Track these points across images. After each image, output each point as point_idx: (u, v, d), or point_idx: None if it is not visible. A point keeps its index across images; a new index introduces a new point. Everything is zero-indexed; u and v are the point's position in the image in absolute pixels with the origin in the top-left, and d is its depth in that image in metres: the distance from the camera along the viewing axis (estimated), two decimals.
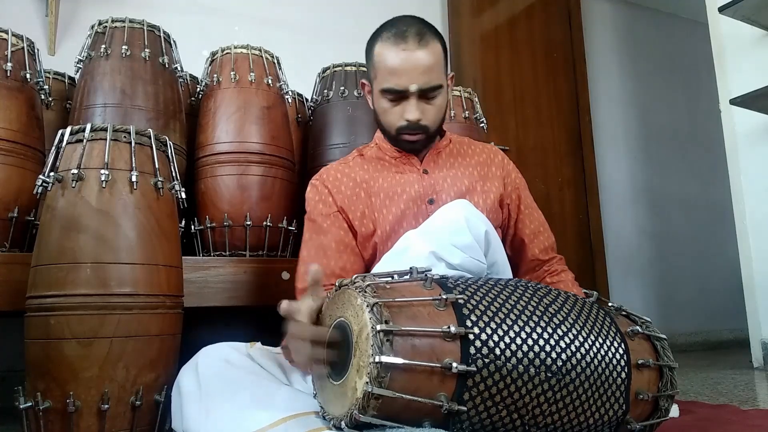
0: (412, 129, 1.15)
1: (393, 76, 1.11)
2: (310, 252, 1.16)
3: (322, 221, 1.17)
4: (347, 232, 1.17)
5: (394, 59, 1.11)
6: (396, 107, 1.15)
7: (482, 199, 1.20)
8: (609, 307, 0.91)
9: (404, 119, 1.14)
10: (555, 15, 3.39)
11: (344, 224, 1.17)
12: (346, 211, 1.17)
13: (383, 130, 1.21)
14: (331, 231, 1.16)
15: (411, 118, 1.13)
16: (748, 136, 2.34)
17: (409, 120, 1.13)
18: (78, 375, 0.97)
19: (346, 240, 1.16)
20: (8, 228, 1.29)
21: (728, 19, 2.27)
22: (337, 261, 1.14)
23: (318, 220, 1.18)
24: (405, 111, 1.13)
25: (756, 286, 2.28)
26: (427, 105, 1.14)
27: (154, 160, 1.11)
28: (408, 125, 1.14)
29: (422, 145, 1.21)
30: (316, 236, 1.17)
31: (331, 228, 1.16)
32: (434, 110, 1.16)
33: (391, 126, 1.17)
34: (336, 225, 1.16)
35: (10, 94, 1.33)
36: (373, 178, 1.20)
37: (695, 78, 3.87)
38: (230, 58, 1.62)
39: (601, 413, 0.79)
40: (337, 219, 1.17)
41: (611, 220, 3.45)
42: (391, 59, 1.11)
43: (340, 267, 1.14)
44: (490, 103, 2.96)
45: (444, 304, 0.74)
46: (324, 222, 1.17)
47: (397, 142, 1.20)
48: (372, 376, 0.66)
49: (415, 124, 1.14)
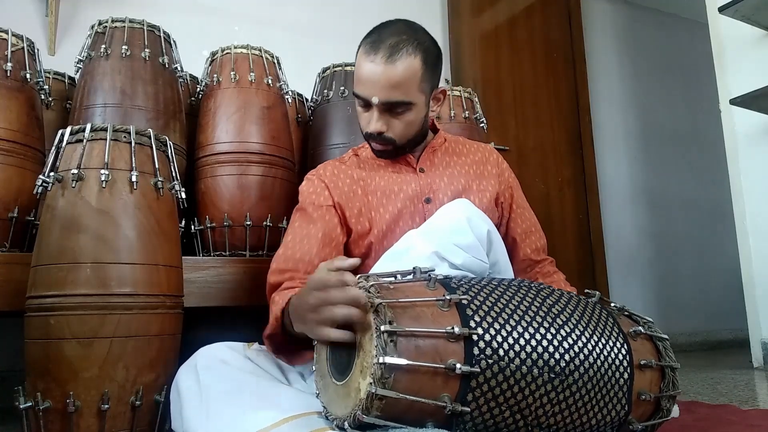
0: (376, 139, 1.15)
1: (359, 84, 1.11)
2: (294, 237, 1.15)
3: (313, 211, 1.16)
4: (336, 228, 1.16)
5: (362, 69, 1.10)
6: (365, 113, 1.15)
7: (478, 198, 1.20)
8: (611, 308, 0.91)
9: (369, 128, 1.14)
10: (555, 15, 3.39)
11: (335, 219, 1.16)
12: (343, 207, 1.17)
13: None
14: (321, 222, 1.15)
15: (370, 130, 1.13)
16: (748, 136, 2.34)
17: (368, 131, 1.14)
18: (78, 375, 0.96)
19: (333, 234, 1.15)
20: (8, 228, 1.28)
21: (728, 19, 2.27)
22: (319, 252, 1.12)
23: (308, 209, 1.17)
24: (368, 121, 1.14)
25: (756, 286, 2.28)
26: (394, 119, 1.13)
27: (154, 160, 1.11)
28: (371, 135, 1.14)
29: (391, 155, 1.20)
30: (305, 224, 1.16)
31: (320, 219, 1.15)
32: (402, 125, 1.14)
33: (363, 130, 1.17)
34: (326, 218, 1.16)
35: (10, 94, 1.33)
36: (370, 176, 1.20)
37: (695, 78, 3.88)
38: (230, 58, 1.62)
39: (604, 413, 0.79)
40: (329, 212, 1.16)
41: (611, 220, 3.45)
42: (360, 68, 1.11)
43: (321, 258, 1.12)
44: (490, 103, 2.96)
45: (448, 304, 0.74)
46: (314, 212, 1.16)
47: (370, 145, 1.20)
48: (376, 376, 0.66)
49: (378, 135, 1.14)
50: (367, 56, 1.09)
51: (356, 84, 1.12)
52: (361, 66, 1.10)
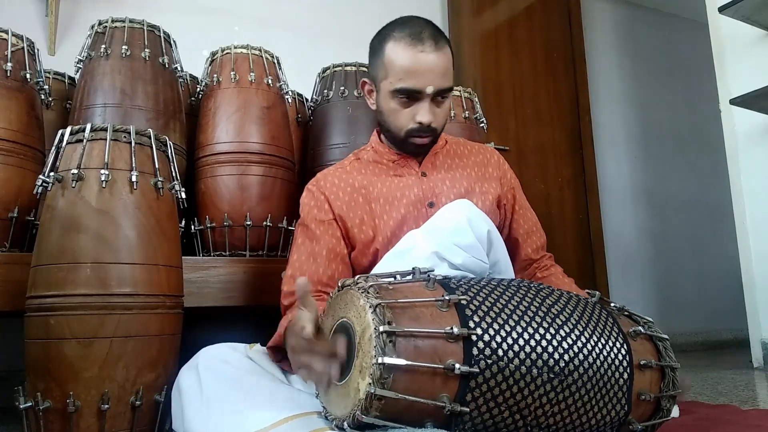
0: (423, 132, 1.14)
1: (409, 77, 1.09)
2: (300, 257, 1.15)
3: (315, 227, 1.16)
4: (339, 241, 1.15)
5: (412, 60, 1.09)
6: (406, 109, 1.13)
7: (481, 200, 1.20)
8: (611, 308, 0.91)
9: (415, 122, 1.12)
10: (555, 15, 3.39)
11: (338, 233, 1.16)
12: (344, 218, 1.16)
13: (387, 131, 1.19)
14: (324, 238, 1.15)
15: (425, 121, 1.12)
16: (748, 136, 2.34)
17: (422, 122, 1.12)
18: (78, 375, 0.97)
19: (338, 249, 1.15)
20: (8, 228, 1.28)
21: (728, 19, 2.27)
22: (326, 269, 1.13)
23: (311, 226, 1.17)
24: (417, 113, 1.12)
25: (756, 286, 2.28)
26: (437, 108, 1.13)
27: (154, 160, 1.11)
28: (419, 128, 1.13)
29: (428, 149, 1.20)
30: (309, 242, 1.16)
31: (323, 235, 1.15)
32: (443, 113, 1.15)
33: (400, 128, 1.15)
34: (329, 233, 1.15)
35: (10, 94, 1.33)
36: (372, 183, 1.19)
37: (695, 78, 3.87)
38: (230, 58, 1.62)
39: (603, 414, 0.79)
40: (330, 227, 1.16)
41: (611, 220, 3.45)
42: (408, 60, 1.09)
43: (329, 276, 1.13)
44: (490, 103, 2.96)
45: (447, 305, 0.74)
46: (317, 228, 1.16)
47: (402, 145, 1.18)
48: (375, 377, 0.66)
49: (427, 127, 1.13)
50: (413, 47, 1.09)
51: (403, 78, 1.10)
52: (407, 59, 1.09)
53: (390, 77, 1.12)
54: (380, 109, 1.18)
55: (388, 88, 1.12)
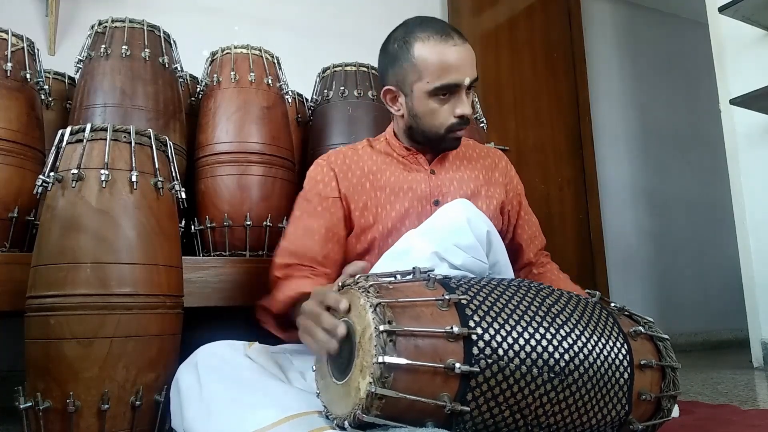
0: (463, 124, 1.14)
1: (448, 73, 1.09)
2: (296, 231, 1.15)
3: (318, 203, 1.16)
4: (340, 221, 1.15)
5: (448, 56, 1.09)
6: (445, 106, 1.12)
7: (485, 204, 1.20)
8: (611, 308, 0.91)
9: (456, 116, 1.12)
10: (555, 15, 3.39)
11: (339, 213, 1.15)
12: (349, 199, 1.16)
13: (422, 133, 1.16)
14: (324, 216, 1.15)
15: (467, 113, 1.12)
16: (748, 136, 2.34)
17: (464, 114, 1.12)
18: (78, 375, 0.96)
19: (336, 229, 1.15)
20: (8, 228, 1.28)
21: (728, 19, 2.27)
22: (322, 248, 1.13)
23: (314, 200, 1.16)
24: (457, 107, 1.12)
25: (756, 286, 2.28)
26: (468, 98, 1.14)
27: (154, 160, 1.11)
28: (460, 121, 1.13)
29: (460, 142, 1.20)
30: (307, 217, 1.15)
31: (324, 213, 1.15)
32: (471, 105, 1.16)
33: (440, 126, 1.14)
34: (330, 211, 1.15)
35: (10, 94, 1.33)
36: (381, 171, 1.19)
37: (695, 78, 3.87)
38: (230, 58, 1.62)
39: (604, 413, 0.79)
40: (334, 205, 1.15)
41: (611, 220, 3.45)
42: (444, 56, 1.09)
43: (323, 254, 1.13)
44: (490, 103, 2.96)
45: (447, 304, 0.74)
46: (319, 205, 1.16)
47: (440, 142, 1.17)
48: (375, 376, 0.66)
49: (467, 119, 1.13)
50: (445, 43, 1.09)
51: (444, 74, 1.09)
52: (446, 54, 1.09)
53: (426, 78, 1.10)
54: (414, 113, 1.15)
55: (425, 89, 1.11)
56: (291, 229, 1.16)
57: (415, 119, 1.16)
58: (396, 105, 1.19)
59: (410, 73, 1.12)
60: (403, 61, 1.13)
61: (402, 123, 1.21)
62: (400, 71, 1.14)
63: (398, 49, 1.14)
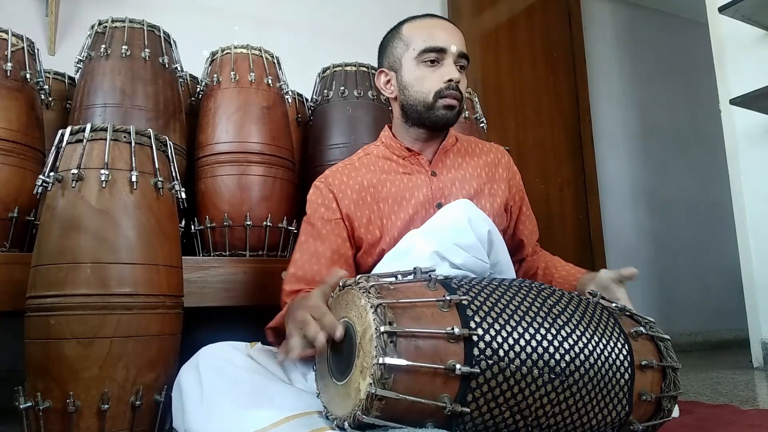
0: (452, 90, 1.15)
1: (432, 38, 1.15)
2: (303, 256, 1.15)
3: (322, 227, 1.16)
4: (345, 242, 1.16)
5: (432, 25, 1.17)
6: (434, 73, 1.15)
7: (489, 202, 1.20)
8: (612, 308, 0.91)
9: (444, 81, 1.15)
10: (555, 15, 3.39)
11: (344, 233, 1.16)
12: (352, 218, 1.16)
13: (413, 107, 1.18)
14: (329, 239, 1.15)
15: (454, 77, 1.14)
16: (748, 136, 2.34)
17: (452, 78, 1.14)
18: (78, 375, 0.96)
19: (342, 250, 1.15)
20: (8, 228, 1.28)
21: (728, 19, 2.27)
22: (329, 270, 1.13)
23: (317, 224, 1.17)
24: (444, 73, 1.15)
25: (756, 286, 2.28)
26: (459, 74, 1.17)
27: (154, 160, 1.11)
28: (448, 86, 1.15)
29: (455, 116, 1.19)
30: (312, 241, 1.16)
31: (329, 235, 1.15)
32: (464, 83, 1.19)
33: (428, 92, 1.16)
34: (335, 233, 1.15)
35: (10, 94, 1.33)
36: (381, 182, 1.19)
37: (695, 78, 3.87)
38: (230, 58, 1.62)
39: (604, 414, 0.79)
40: (337, 227, 1.16)
41: (611, 220, 3.45)
42: (429, 25, 1.17)
43: None
44: (490, 103, 2.96)
45: (448, 305, 0.74)
46: (323, 228, 1.16)
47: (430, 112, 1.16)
48: (375, 377, 0.66)
49: (455, 86, 1.15)
50: (431, 18, 1.19)
51: (429, 39, 1.15)
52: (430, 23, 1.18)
53: (412, 45, 1.17)
54: (404, 84, 1.19)
55: (412, 56, 1.16)
56: (297, 255, 1.17)
57: (405, 92, 1.19)
58: (390, 87, 1.24)
59: (398, 48, 1.20)
60: (394, 40, 1.21)
61: (397, 109, 1.24)
62: (391, 52, 1.22)
63: (390, 36, 1.23)
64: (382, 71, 1.24)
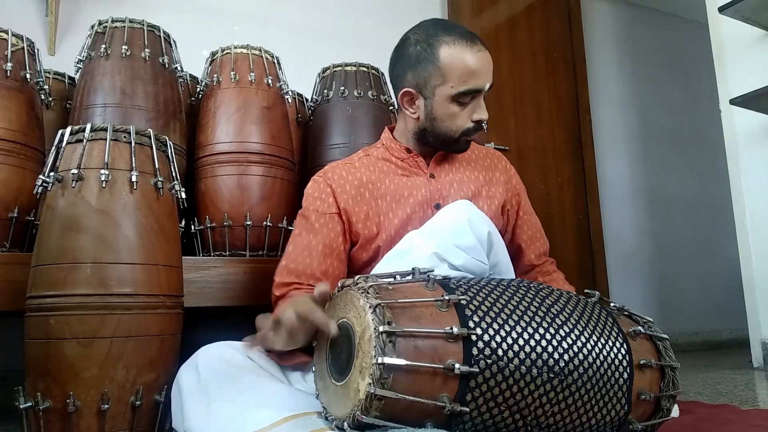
0: (478, 129, 1.16)
1: (473, 78, 1.11)
2: (295, 249, 1.15)
3: (315, 220, 1.16)
4: (338, 236, 1.15)
5: (474, 61, 1.11)
6: (464, 110, 1.14)
7: (486, 204, 1.20)
8: (611, 308, 0.91)
9: (473, 120, 1.14)
10: (555, 15, 3.39)
11: (338, 227, 1.16)
12: (349, 212, 1.16)
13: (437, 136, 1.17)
14: (322, 232, 1.15)
15: (484, 118, 1.15)
16: (748, 136, 2.34)
17: (482, 119, 1.14)
18: (78, 375, 0.96)
19: (334, 244, 1.15)
20: (8, 228, 1.28)
21: (728, 19, 2.27)
22: (320, 264, 1.13)
23: (311, 217, 1.17)
24: (475, 111, 1.14)
25: (756, 286, 2.28)
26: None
27: (154, 160, 1.11)
28: (476, 126, 1.15)
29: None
30: (306, 234, 1.16)
31: (322, 229, 1.15)
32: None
33: (457, 130, 1.15)
34: (328, 227, 1.15)
35: (10, 94, 1.33)
36: (380, 180, 1.19)
37: (695, 78, 3.88)
38: (230, 58, 1.62)
39: (603, 413, 0.79)
40: (332, 221, 1.16)
41: (611, 220, 3.45)
42: (471, 62, 1.11)
43: (322, 270, 1.13)
44: (490, 103, 2.93)
45: (446, 305, 0.74)
46: (317, 221, 1.16)
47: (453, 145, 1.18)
48: (375, 377, 0.66)
49: (481, 124, 1.15)
50: (470, 48, 1.12)
51: (470, 79, 1.11)
52: (473, 60, 1.11)
53: (451, 81, 1.11)
54: (433, 116, 1.15)
55: (449, 93, 1.11)
56: (290, 248, 1.17)
57: (433, 122, 1.16)
58: (413, 107, 1.18)
59: (434, 77, 1.12)
60: (427, 63, 1.13)
61: (413, 125, 1.20)
62: (423, 74, 1.14)
63: (421, 51, 1.14)
64: (408, 92, 1.17)
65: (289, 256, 1.15)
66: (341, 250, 1.16)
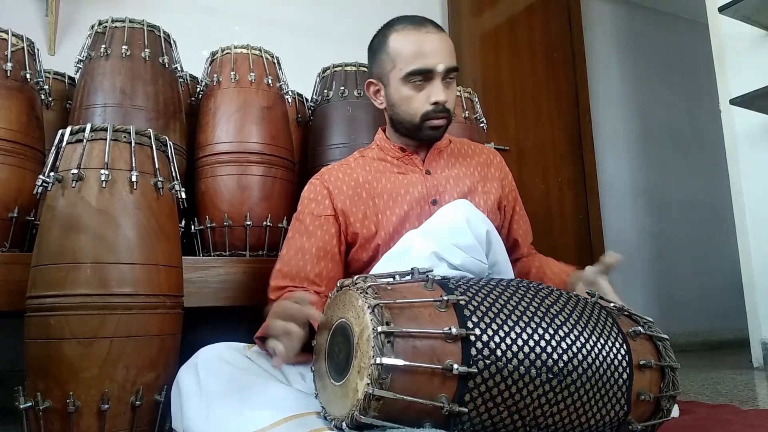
0: (439, 112, 1.15)
1: (419, 58, 1.12)
2: (289, 252, 1.16)
3: (310, 222, 1.16)
4: (332, 239, 1.16)
5: (419, 42, 1.12)
6: (420, 93, 1.14)
7: (483, 200, 1.21)
8: (611, 308, 0.91)
9: (430, 103, 1.14)
10: (555, 15, 3.39)
11: (332, 229, 1.16)
12: (347, 213, 1.17)
13: (401, 123, 1.19)
14: (316, 235, 1.15)
15: (440, 99, 1.13)
16: (748, 136, 2.34)
17: (438, 101, 1.13)
18: (78, 375, 0.96)
19: (329, 247, 1.15)
20: (8, 228, 1.28)
21: (728, 19, 2.27)
22: (314, 267, 1.14)
23: (306, 220, 1.17)
24: (431, 94, 1.13)
25: (756, 286, 2.28)
26: (447, 89, 1.15)
27: (154, 160, 1.11)
28: (435, 108, 1.14)
29: (443, 132, 1.20)
30: (299, 237, 1.16)
31: (316, 231, 1.15)
32: (452, 94, 1.17)
33: (415, 113, 1.16)
34: (323, 229, 1.16)
35: (10, 94, 1.33)
36: (376, 179, 1.20)
37: (695, 78, 3.87)
38: (230, 58, 1.62)
39: (603, 414, 0.79)
40: (326, 223, 1.16)
41: (611, 220, 3.45)
42: (415, 42, 1.12)
43: (316, 273, 1.14)
44: (490, 103, 2.96)
45: (445, 305, 0.74)
46: (311, 224, 1.16)
47: (418, 132, 1.18)
48: (373, 377, 0.66)
49: (442, 107, 1.14)
50: (418, 31, 1.13)
51: (413, 61, 1.12)
52: (417, 40, 1.12)
53: (399, 64, 1.14)
54: (392, 102, 1.18)
55: (399, 75, 1.14)
56: (284, 251, 1.17)
57: (393, 108, 1.19)
58: (379, 98, 1.23)
59: (387, 63, 1.17)
60: (382, 51, 1.18)
61: (387, 117, 1.24)
62: (379, 63, 1.19)
63: (378, 42, 1.19)
64: (372, 82, 1.23)
65: (283, 259, 1.16)
66: (336, 252, 1.16)
